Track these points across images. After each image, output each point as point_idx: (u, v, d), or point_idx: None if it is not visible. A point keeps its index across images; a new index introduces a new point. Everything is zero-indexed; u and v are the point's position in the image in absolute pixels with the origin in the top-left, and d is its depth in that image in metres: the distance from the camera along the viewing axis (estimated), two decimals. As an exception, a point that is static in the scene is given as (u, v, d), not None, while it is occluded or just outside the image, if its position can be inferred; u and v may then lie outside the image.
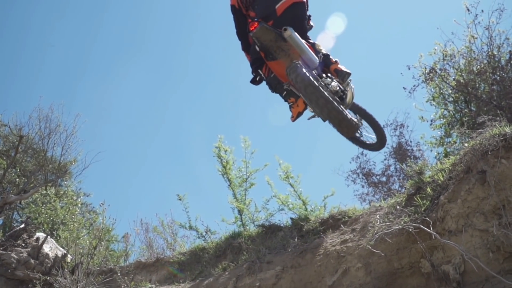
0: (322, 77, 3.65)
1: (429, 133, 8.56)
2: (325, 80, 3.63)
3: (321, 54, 3.86)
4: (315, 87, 3.34)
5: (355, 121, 3.84)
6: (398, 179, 10.15)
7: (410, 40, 20.98)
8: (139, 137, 25.88)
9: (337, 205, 5.87)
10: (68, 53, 25.70)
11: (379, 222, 4.48)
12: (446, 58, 7.72)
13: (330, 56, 3.90)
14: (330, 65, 3.84)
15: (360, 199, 10.68)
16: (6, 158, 10.76)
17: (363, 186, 10.89)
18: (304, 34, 3.78)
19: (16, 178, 10.77)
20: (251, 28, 3.57)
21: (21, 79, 23.84)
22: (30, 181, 10.58)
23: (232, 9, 3.89)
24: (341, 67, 3.85)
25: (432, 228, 3.97)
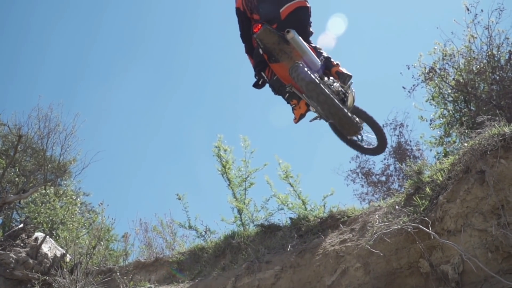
0: (324, 79, 3.67)
1: (429, 132, 8.55)
2: (327, 81, 3.65)
3: (323, 57, 3.88)
4: (316, 84, 3.36)
5: (357, 120, 3.85)
6: (398, 179, 10.16)
7: (409, 40, 21.03)
8: (139, 136, 25.91)
9: (336, 204, 5.85)
10: (67, 53, 25.74)
11: (378, 222, 4.48)
12: (445, 58, 7.73)
13: (331, 59, 3.93)
14: (332, 68, 3.86)
15: (359, 199, 10.72)
16: (5, 158, 10.77)
17: (362, 186, 10.92)
18: (307, 38, 3.81)
19: (15, 178, 10.79)
20: (254, 30, 3.59)
21: (21, 78, 23.89)
22: (29, 180, 10.57)
23: (237, 11, 3.91)
24: (342, 69, 3.87)
25: (431, 228, 3.97)
